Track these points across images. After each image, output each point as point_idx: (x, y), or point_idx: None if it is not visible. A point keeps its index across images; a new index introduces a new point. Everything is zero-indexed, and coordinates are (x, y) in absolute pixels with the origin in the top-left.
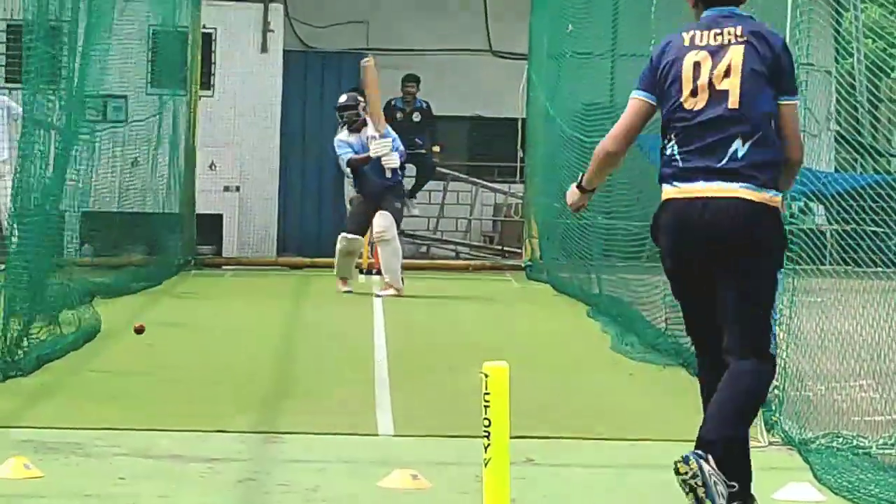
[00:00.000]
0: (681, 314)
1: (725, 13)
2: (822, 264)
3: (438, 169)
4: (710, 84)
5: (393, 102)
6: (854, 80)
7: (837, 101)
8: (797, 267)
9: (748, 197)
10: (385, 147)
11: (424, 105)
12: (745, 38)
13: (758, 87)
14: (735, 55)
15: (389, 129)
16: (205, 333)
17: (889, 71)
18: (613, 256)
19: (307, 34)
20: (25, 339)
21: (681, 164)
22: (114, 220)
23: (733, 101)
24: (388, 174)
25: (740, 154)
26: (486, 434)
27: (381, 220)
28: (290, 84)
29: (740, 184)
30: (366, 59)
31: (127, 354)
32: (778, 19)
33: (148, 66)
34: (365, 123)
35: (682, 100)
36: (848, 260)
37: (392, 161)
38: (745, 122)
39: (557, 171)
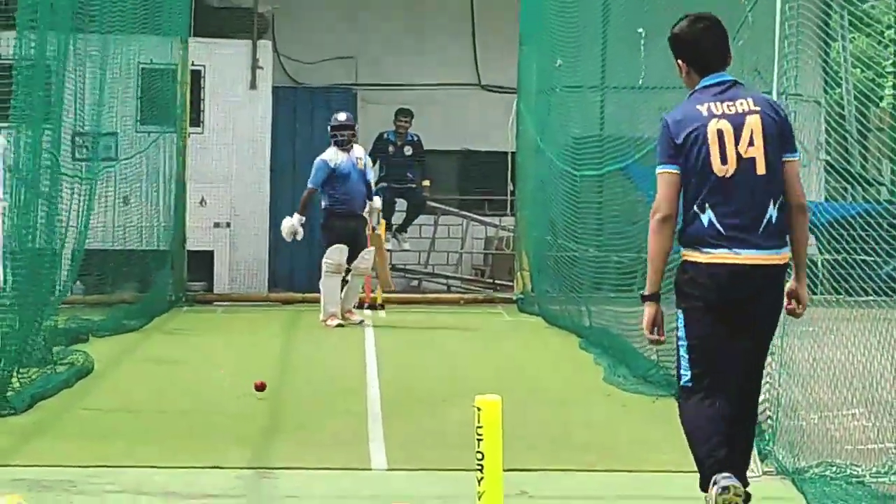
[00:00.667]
0: (671, 345)
1: (727, 82)
2: (814, 293)
3: (429, 203)
4: (737, 153)
5: (385, 135)
6: (843, 109)
7: (827, 130)
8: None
9: (781, 263)
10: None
11: (416, 138)
12: (759, 108)
13: (776, 152)
14: (755, 124)
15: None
16: (197, 370)
17: (878, 100)
18: (605, 288)
19: (296, 70)
20: (18, 377)
21: (723, 230)
22: (105, 257)
23: (761, 168)
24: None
25: (774, 219)
26: (480, 467)
27: (370, 259)
28: (280, 120)
29: (775, 251)
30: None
31: (120, 392)
32: (766, 50)
33: (138, 104)
34: (356, 141)
35: (713, 168)
36: (839, 289)
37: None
38: (773, 186)
39: (548, 203)
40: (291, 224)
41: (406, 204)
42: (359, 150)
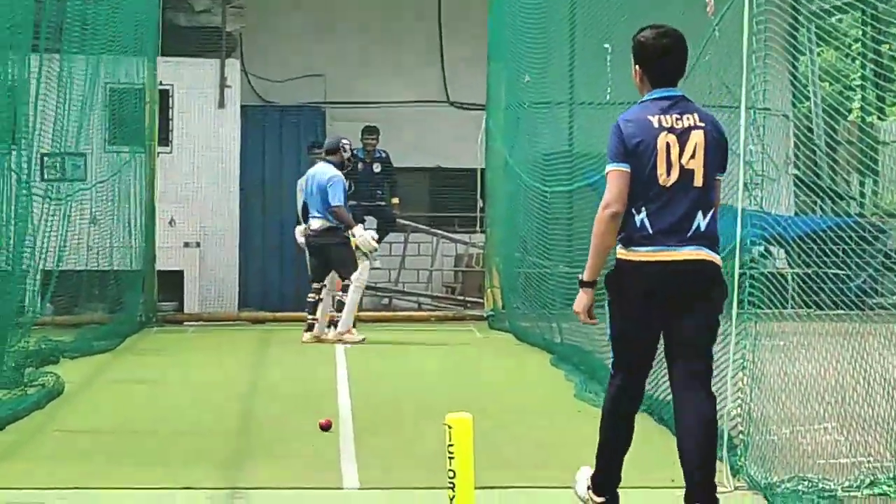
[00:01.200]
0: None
1: (677, 96)
2: (784, 308)
3: (399, 220)
4: (681, 165)
5: (354, 152)
6: (812, 123)
7: (796, 144)
8: (759, 311)
9: (711, 260)
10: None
11: (384, 155)
12: (704, 125)
13: (713, 168)
14: (699, 139)
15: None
16: (168, 390)
17: (846, 113)
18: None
19: (264, 89)
20: None
21: (651, 231)
22: (75, 278)
23: (698, 181)
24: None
25: (703, 228)
26: (452, 485)
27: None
28: (249, 139)
29: (704, 249)
30: None
31: (91, 413)
32: (734, 64)
33: (106, 124)
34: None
35: (657, 175)
36: (810, 303)
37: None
38: (706, 198)
39: (518, 220)
40: (365, 237)
41: (376, 221)
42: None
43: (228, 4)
